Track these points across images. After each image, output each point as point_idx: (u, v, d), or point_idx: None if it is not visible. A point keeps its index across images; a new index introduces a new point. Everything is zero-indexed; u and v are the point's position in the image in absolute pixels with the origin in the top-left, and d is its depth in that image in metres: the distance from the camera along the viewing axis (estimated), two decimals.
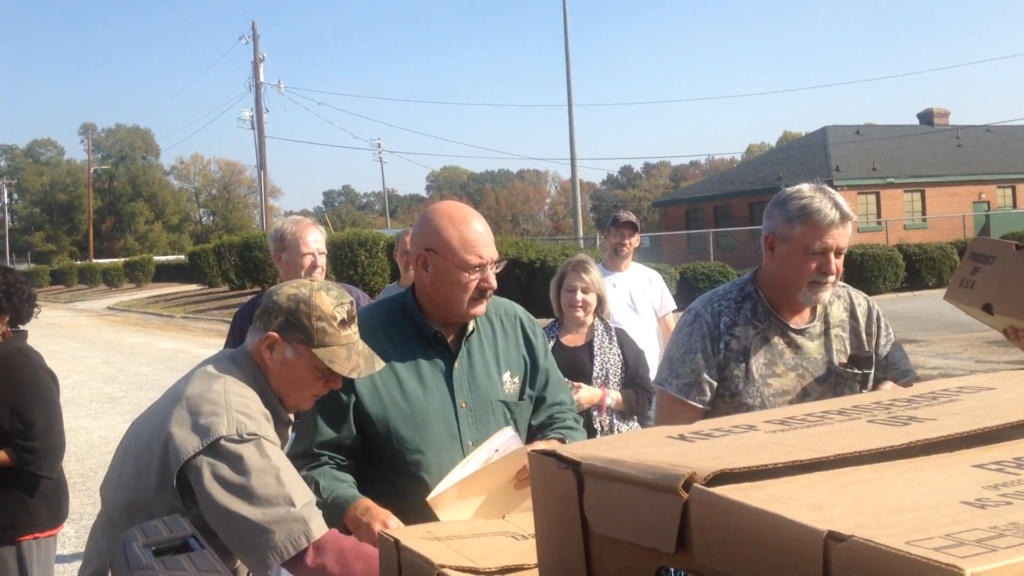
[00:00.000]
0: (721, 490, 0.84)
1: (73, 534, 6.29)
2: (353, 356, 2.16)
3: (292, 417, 2.30)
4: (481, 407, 2.38)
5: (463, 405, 2.36)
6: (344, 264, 22.89)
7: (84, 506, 6.98)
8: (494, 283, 2.35)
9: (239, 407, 2.04)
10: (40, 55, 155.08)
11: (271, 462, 1.99)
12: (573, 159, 30.74)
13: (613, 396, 4.14)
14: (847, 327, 2.60)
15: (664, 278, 5.74)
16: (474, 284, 2.32)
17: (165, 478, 2.00)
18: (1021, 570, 0.64)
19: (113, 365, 16.29)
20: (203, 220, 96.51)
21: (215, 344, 19.38)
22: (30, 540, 3.51)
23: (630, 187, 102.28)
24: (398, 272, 5.75)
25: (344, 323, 2.16)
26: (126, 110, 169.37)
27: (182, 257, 50.61)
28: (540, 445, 2.07)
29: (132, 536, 1.25)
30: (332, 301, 2.16)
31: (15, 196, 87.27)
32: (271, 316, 2.17)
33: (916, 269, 24.80)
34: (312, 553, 1.95)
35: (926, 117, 46.79)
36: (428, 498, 2.15)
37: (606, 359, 4.19)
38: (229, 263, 30.67)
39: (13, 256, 70.90)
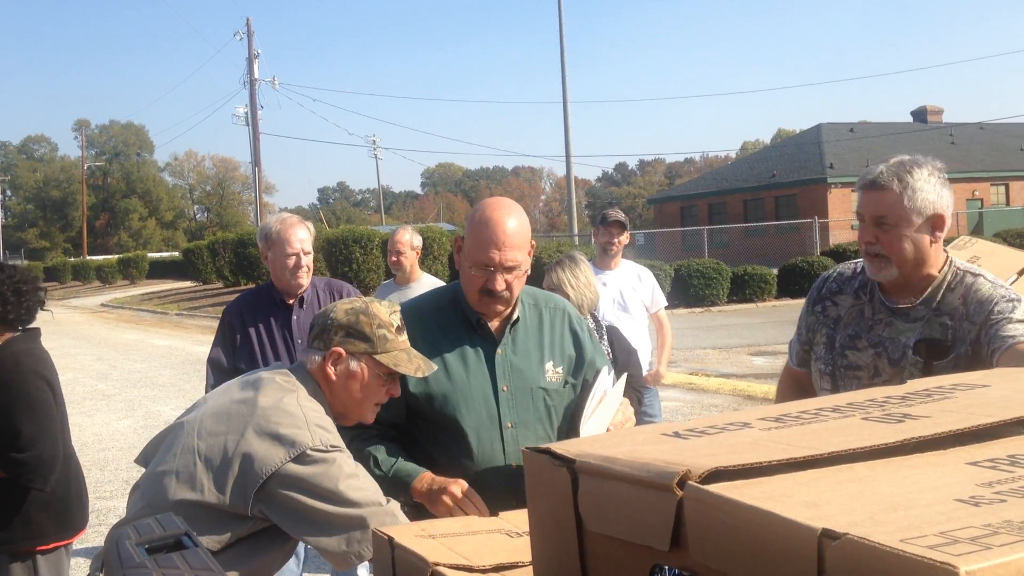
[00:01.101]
0: (716, 488, 0.84)
1: None
2: (413, 358, 2.31)
3: None
4: (521, 392, 2.47)
5: (504, 389, 2.45)
6: (339, 261, 22.84)
7: None
8: (498, 287, 2.36)
9: (317, 421, 2.17)
10: (34, 51, 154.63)
11: (354, 469, 2.16)
12: (568, 156, 30.72)
13: (619, 386, 4.15)
14: (957, 315, 2.38)
15: (658, 275, 5.77)
16: (479, 283, 2.39)
17: (242, 486, 2.09)
18: (1015, 568, 0.64)
19: (107, 362, 16.25)
20: (197, 217, 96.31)
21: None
22: (35, 553, 3.37)
23: (625, 184, 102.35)
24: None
25: (400, 330, 2.32)
26: (120, 106, 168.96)
27: (176, 254, 50.44)
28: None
29: (125, 534, 1.25)
30: (387, 310, 2.33)
31: (8, 193, 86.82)
32: (331, 333, 2.30)
33: None
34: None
35: (920, 115, 46.91)
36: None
37: None
38: (223, 260, 30.61)
39: (7, 253, 70.62)
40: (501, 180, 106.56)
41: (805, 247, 29.66)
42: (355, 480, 2.13)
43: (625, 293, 5.44)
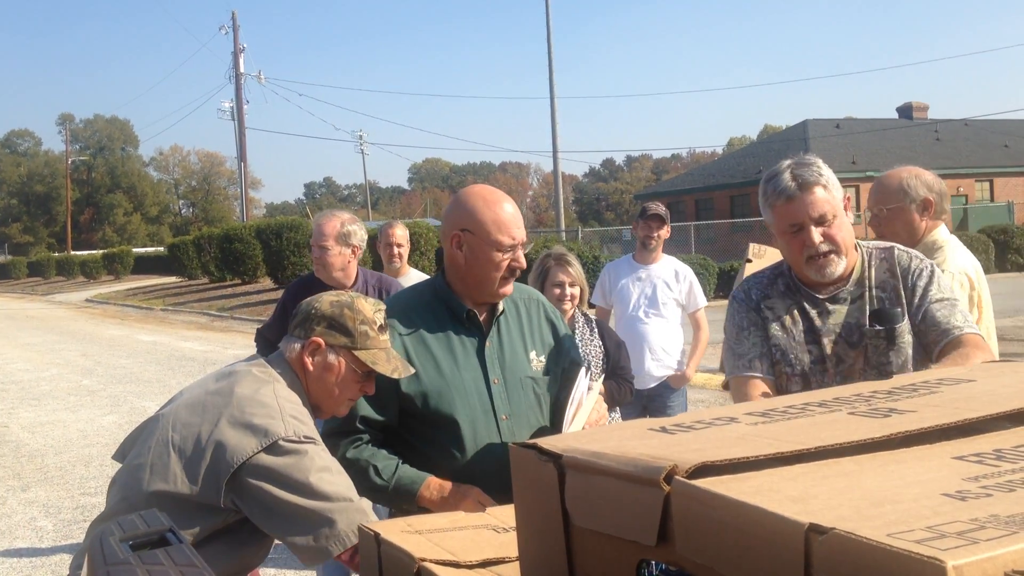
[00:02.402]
0: (703, 482, 0.84)
1: (51, 528, 6.24)
2: (392, 359, 2.30)
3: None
4: (512, 383, 2.48)
5: (495, 381, 2.45)
6: None
7: (62, 500, 6.92)
8: (523, 263, 2.45)
9: (291, 412, 2.17)
10: (17, 44, 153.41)
11: (325, 461, 2.14)
12: (555, 152, 30.70)
13: (595, 387, 4.15)
14: (888, 287, 2.47)
15: None
16: (506, 263, 2.42)
17: (214, 475, 2.08)
18: (1002, 562, 0.64)
19: (91, 358, 16.15)
20: (183, 212, 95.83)
21: (194, 336, 19.27)
22: None
23: (612, 180, 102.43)
24: (380, 264, 5.71)
25: (382, 329, 2.31)
26: (105, 101, 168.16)
27: (161, 249, 50.22)
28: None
29: (109, 530, 1.24)
30: (372, 307, 2.32)
31: None
32: (313, 323, 2.29)
33: None
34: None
35: (905, 111, 47.11)
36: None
37: (587, 350, 4.20)
38: (209, 255, 30.48)
39: None
40: (488, 175, 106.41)
41: None
42: (327, 474, 2.11)
43: (659, 289, 5.29)
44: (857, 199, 38.40)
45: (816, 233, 2.38)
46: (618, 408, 4.29)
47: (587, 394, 2.52)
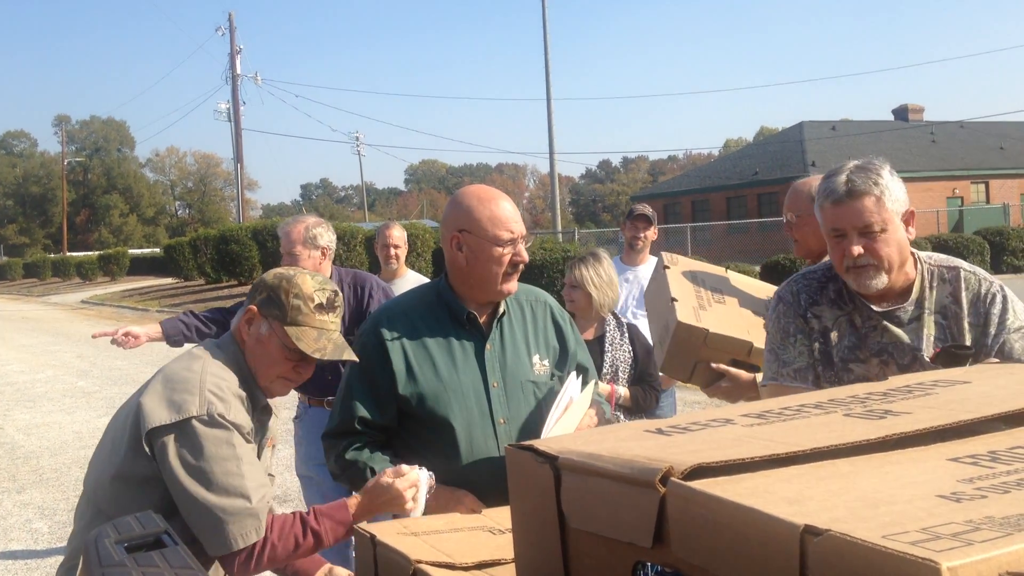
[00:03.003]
0: (698, 484, 0.84)
1: (47, 530, 6.22)
2: (323, 340, 2.21)
3: (271, 404, 2.35)
4: (512, 387, 2.46)
5: (495, 384, 2.43)
6: None
7: (57, 502, 6.91)
8: (526, 256, 2.44)
9: (212, 387, 2.10)
10: (13, 45, 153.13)
11: (235, 451, 2.05)
12: (552, 153, 30.70)
13: (621, 392, 4.13)
14: (949, 313, 2.30)
15: None
16: (507, 258, 2.41)
17: (137, 442, 2.06)
18: (996, 564, 0.64)
19: (87, 359, 16.11)
20: (179, 213, 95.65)
21: None
22: None
23: (608, 181, 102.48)
24: (378, 266, 5.70)
25: (322, 307, 2.23)
26: (101, 102, 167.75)
27: (157, 250, 50.06)
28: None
29: (104, 532, 1.23)
30: (314, 284, 2.24)
31: None
32: (256, 292, 2.26)
33: None
34: (259, 545, 2.06)
35: (901, 113, 47.20)
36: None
37: (616, 355, 4.17)
38: (205, 256, 30.42)
39: None
40: (485, 176, 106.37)
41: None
42: (231, 464, 2.03)
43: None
44: None
45: (857, 243, 2.26)
46: (643, 414, 4.23)
47: (577, 400, 2.47)
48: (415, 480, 2.18)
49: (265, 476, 2.16)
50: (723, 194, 41.59)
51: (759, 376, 2.94)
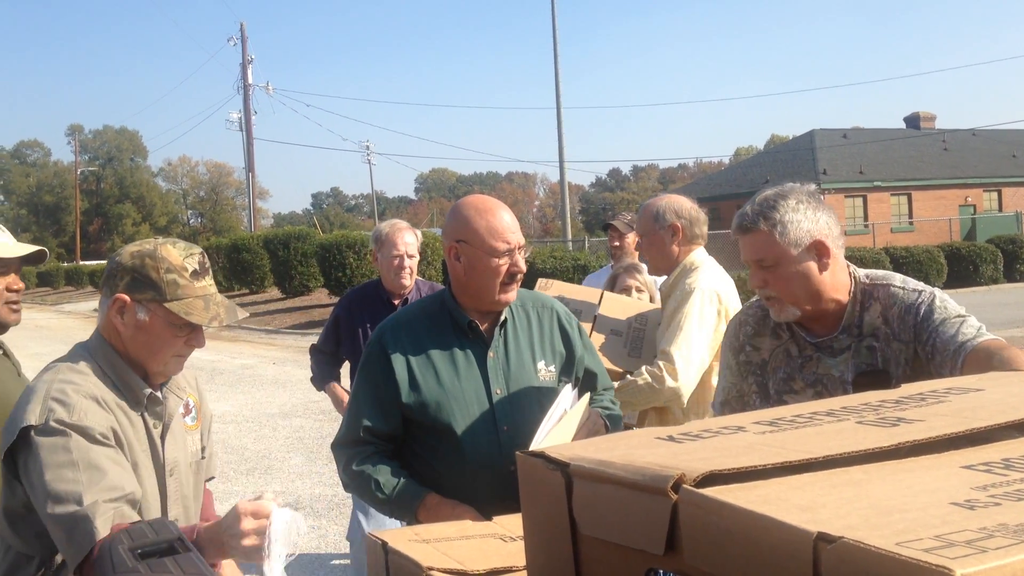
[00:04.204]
0: (710, 491, 0.84)
1: None
2: (212, 306, 2.08)
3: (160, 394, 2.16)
4: (516, 394, 2.46)
5: (498, 392, 2.44)
6: (332, 266, 22.81)
7: None
8: (523, 266, 2.45)
9: (56, 393, 1.94)
10: (27, 56, 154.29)
11: (71, 456, 1.86)
12: (562, 162, 30.73)
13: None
14: (880, 335, 2.23)
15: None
16: (504, 269, 2.42)
17: (5, 471, 1.95)
18: (1011, 571, 0.64)
19: None
20: (191, 222, 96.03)
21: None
22: None
23: (618, 190, 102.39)
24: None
25: (197, 274, 2.09)
26: (113, 111, 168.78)
27: None
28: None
29: (118, 539, 1.24)
30: (181, 253, 2.09)
31: (1, 198, 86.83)
32: (116, 279, 2.06)
33: (903, 272, 24.78)
34: (97, 550, 1.75)
35: (913, 121, 47.04)
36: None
37: None
38: (217, 265, 30.52)
39: None
40: (495, 185, 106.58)
41: None
42: (61, 470, 1.85)
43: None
44: (865, 209, 38.45)
45: (756, 275, 2.25)
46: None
47: (570, 412, 2.40)
48: (263, 523, 1.73)
49: (123, 477, 1.91)
50: (734, 202, 41.40)
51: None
